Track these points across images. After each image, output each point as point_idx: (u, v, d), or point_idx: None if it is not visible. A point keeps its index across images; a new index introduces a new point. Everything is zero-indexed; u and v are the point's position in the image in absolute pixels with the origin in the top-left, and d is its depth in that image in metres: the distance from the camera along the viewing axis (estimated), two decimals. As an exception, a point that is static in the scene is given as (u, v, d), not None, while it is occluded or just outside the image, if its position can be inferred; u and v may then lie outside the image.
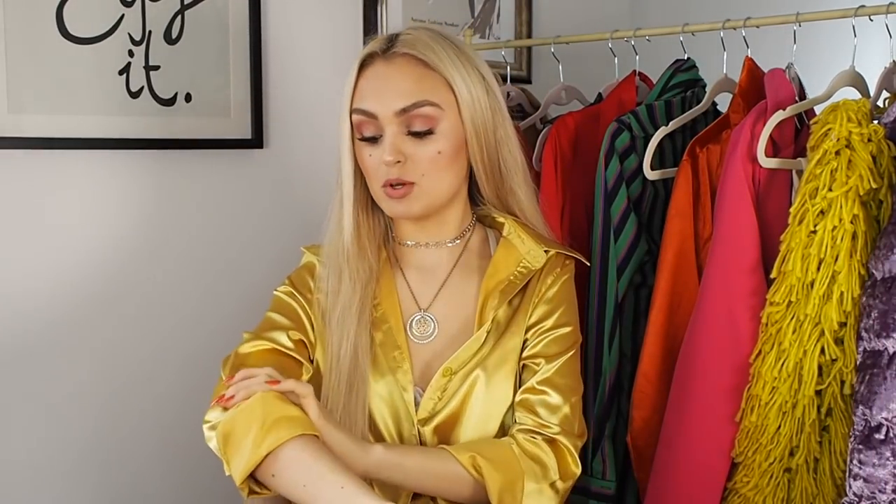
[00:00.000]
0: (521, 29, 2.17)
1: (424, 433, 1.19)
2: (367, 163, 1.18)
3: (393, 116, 1.15)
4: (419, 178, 1.16)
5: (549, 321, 1.21)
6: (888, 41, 1.30)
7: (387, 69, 1.17)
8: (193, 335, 1.65)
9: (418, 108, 1.15)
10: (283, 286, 1.26)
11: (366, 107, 1.16)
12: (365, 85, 1.18)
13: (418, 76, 1.16)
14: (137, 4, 1.51)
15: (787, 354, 1.24)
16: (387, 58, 1.17)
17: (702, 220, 1.43)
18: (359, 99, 1.18)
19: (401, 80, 1.16)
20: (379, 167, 1.17)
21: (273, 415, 1.02)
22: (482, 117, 1.19)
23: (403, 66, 1.17)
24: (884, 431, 1.14)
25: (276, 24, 1.72)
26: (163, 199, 1.60)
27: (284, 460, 0.99)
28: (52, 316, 1.49)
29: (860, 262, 1.20)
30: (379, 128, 1.16)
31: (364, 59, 1.18)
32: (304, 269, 1.27)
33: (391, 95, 1.15)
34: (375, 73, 1.17)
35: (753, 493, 1.31)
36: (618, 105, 1.62)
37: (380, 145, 1.16)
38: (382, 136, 1.16)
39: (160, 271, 1.61)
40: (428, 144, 1.16)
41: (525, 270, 1.23)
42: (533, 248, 1.24)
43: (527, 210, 1.26)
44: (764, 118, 1.32)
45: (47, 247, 1.48)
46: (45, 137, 1.43)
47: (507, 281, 1.22)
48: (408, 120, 1.15)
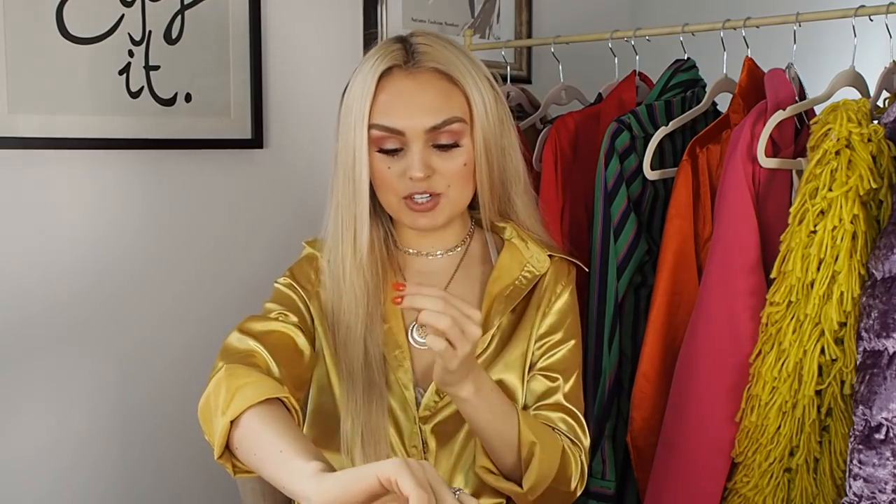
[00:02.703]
0: (521, 29, 2.17)
1: (425, 431, 1.19)
2: (384, 175, 1.15)
3: (423, 134, 1.13)
4: (446, 190, 1.15)
5: (559, 334, 1.21)
6: (888, 41, 1.30)
7: (412, 84, 1.14)
8: (193, 335, 1.65)
9: (448, 126, 1.13)
10: (283, 278, 1.24)
11: (392, 124, 1.13)
12: (388, 100, 1.13)
13: (444, 92, 1.14)
14: (137, 4, 1.51)
15: (787, 354, 1.24)
16: (410, 71, 1.14)
17: (702, 220, 1.43)
18: (381, 114, 1.13)
19: (429, 97, 1.13)
20: (399, 180, 1.14)
21: (237, 382, 0.98)
22: (492, 129, 1.17)
23: (428, 81, 1.14)
24: (884, 431, 1.14)
25: (276, 24, 1.72)
26: (163, 199, 1.60)
27: (243, 429, 0.95)
28: (52, 315, 1.49)
29: (860, 262, 1.20)
30: (402, 143, 1.13)
31: (384, 71, 1.14)
32: (306, 261, 1.26)
33: (420, 113, 1.12)
34: (399, 89, 1.14)
35: (753, 493, 1.31)
36: (618, 105, 1.62)
37: (401, 158, 1.14)
38: (404, 149, 1.14)
39: (160, 271, 1.61)
40: (455, 157, 1.15)
41: (530, 275, 1.22)
42: (537, 252, 1.23)
43: (525, 221, 1.25)
44: (764, 118, 1.32)
45: (47, 247, 1.48)
46: (45, 137, 1.43)
47: (513, 286, 1.21)
48: (436, 137, 1.13)
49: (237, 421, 0.95)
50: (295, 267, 1.26)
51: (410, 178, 1.13)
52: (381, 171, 1.15)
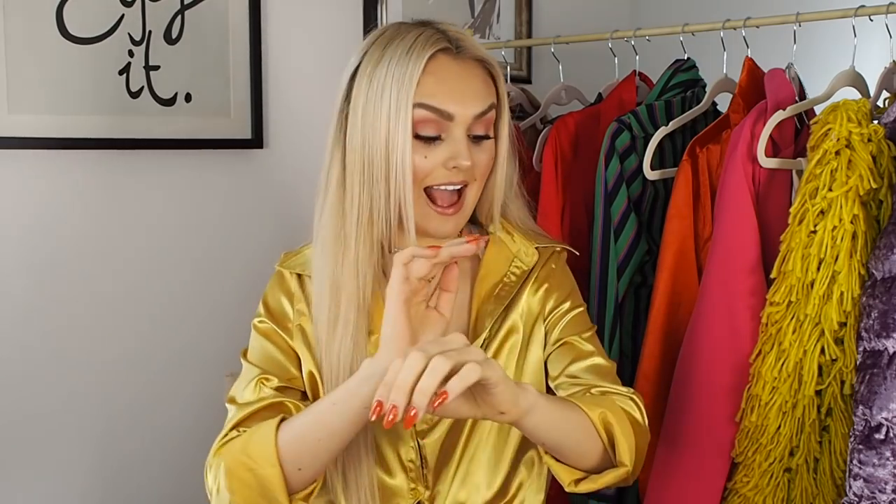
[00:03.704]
0: (521, 29, 2.17)
1: (424, 446, 1.13)
2: (419, 165, 1.07)
3: (472, 119, 1.08)
4: (472, 182, 1.11)
5: (566, 304, 1.17)
6: (888, 41, 1.30)
7: (461, 70, 1.09)
8: (192, 334, 1.65)
9: (487, 114, 1.10)
10: (259, 319, 1.16)
11: (442, 106, 1.07)
12: (437, 82, 1.08)
13: (486, 82, 1.11)
14: (137, 4, 1.51)
15: (787, 354, 1.24)
16: (457, 58, 1.10)
17: (702, 220, 1.43)
18: (429, 95, 1.07)
19: (476, 84, 1.10)
20: (434, 170, 1.08)
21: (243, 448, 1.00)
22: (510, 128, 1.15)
23: (474, 69, 1.11)
24: (884, 431, 1.14)
25: (276, 24, 1.72)
26: (163, 199, 1.60)
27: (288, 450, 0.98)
28: (51, 315, 1.49)
29: (860, 262, 1.20)
30: (443, 129, 1.08)
31: (433, 53, 1.08)
32: (280, 291, 1.17)
33: (471, 98, 1.08)
34: (449, 72, 1.09)
35: (753, 493, 1.31)
36: (618, 105, 1.62)
37: (437, 146, 1.08)
38: (441, 138, 1.08)
39: (160, 271, 1.61)
40: (485, 150, 1.11)
41: (518, 271, 1.17)
42: (523, 246, 1.19)
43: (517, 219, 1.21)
44: (764, 118, 1.32)
45: (46, 246, 1.48)
46: (45, 137, 1.43)
47: (501, 283, 1.16)
48: (478, 125, 1.09)
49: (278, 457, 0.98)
50: (270, 300, 1.17)
51: (455, 168, 1.07)
52: (415, 161, 1.07)
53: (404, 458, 1.13)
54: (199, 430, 1.55)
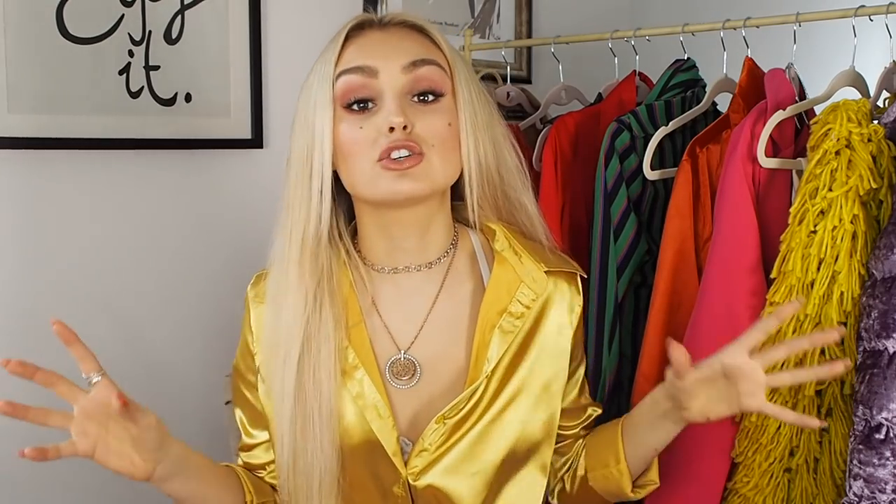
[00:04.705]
0: (521, 29, 2.17)
1: (416, 488, 1.04)
2: (354, 138, 0.98)
3: (399, 73, 0.98)
4: (429, 150, 0.98)
5: (578, 355, 1.20)
6: (888, 41, 1.30)
7: (384, 33, 1.02)
8: (191, 335, 1.65)
9: (427, 66, 1.00)
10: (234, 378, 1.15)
11: (363, 62, 0.98)
12: (357, 48, 1.00)
13: (421, 41, 1.03)
14: (137, 4, 1.51)
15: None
16: (383, 27, 1.03)
17: (702, 220, 1.43)
18: (349, 60, 1.00)
19: (405, 42, 1.01)
20: (375, 140, 0.98)
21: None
22: (480, 105, 1.04)
23: (401, 31, 1.03)
24: (884, 431, 1.14)
25: (276, 24, 1.72)
26: (163, 199, 1.60)
27: None
28: (49, 315, 1.49)
29: (860, 262, 1.20)
30: (375, 90, 0.99)
31: (352, 28, 1.02)
32: (245, 327, 1.13)
33: (395, 51, 0.99)
34: (371, 38, 1.01)
35: (753, 493, 1.31)
36: (618, 105, 1.62)
37: (373, 114, 0.99)
38: (376, 104, 0.99)
39: (159, 271, 1.61)
40: (437, 112, 1.00)
41: (526, 300, 1.06)
42: (532, 269, 1.08)
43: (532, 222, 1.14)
44: (764, 118, 1.32)
45: (46, 247, 1.48)
46: (44, 137, 1.43)
47: (508, 313, 1.05)
48: (414, 81, 0.99)
49: None
50: (238, 356, 1.15)
51: (389, 130, 0.97)
52: (351, 136, 0.99)
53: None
54: (199, 429, 1.55)
